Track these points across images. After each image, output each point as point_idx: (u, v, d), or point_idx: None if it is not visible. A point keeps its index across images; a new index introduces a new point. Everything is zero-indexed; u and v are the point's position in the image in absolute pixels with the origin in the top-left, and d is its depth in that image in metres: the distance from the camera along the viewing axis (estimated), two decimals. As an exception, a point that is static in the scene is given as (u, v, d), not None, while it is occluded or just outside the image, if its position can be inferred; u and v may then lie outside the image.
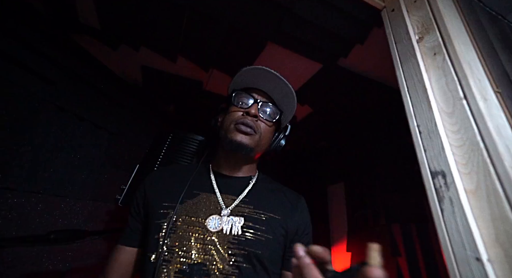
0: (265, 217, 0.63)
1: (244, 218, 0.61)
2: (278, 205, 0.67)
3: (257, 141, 0.68)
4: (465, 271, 0.43)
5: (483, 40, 0.63)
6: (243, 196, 0.66)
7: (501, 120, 0.49)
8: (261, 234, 0.59)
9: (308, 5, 0.84)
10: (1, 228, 0.74)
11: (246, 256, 0.56)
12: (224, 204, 0.63)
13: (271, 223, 0.62)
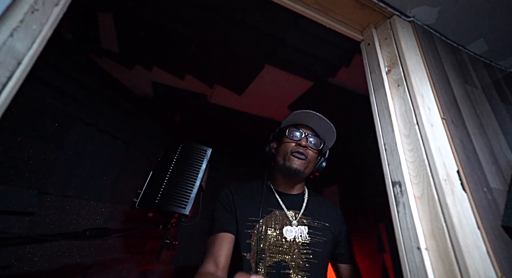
0: (320, 225, 0.84)
1: (307, 227, 0.82)
2: (326, 215, 0.88)
3: (307, 166, 0.87)
4: (410, 257, 0.57)
5: (438, 73, 0.77)
6: (303, 210, 0.86)
7: (443, 141, 0.64)
8: (320, 238, 0.81)
9: (299, 37, 0.99)
10: (42, 225, 0.89)
11: (313, 254, 0.78)
12: (292, 217, 0.83)
13: (324, 229, 0.83)
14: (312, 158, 0.89)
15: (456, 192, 0.58)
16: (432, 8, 0.82)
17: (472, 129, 0.73)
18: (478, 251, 0.52)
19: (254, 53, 1.11)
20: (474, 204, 0.57)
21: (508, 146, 0.78)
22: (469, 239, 0.52)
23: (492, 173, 0.67)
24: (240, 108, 1.63)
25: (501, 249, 0.54)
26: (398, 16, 0.83)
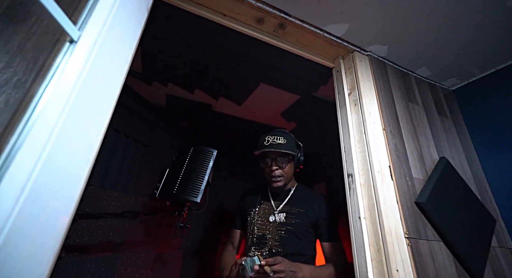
0: (296, 211, 1.08)
1: (285, 213, 1.08)
2: (305, 203, 1.10)
3: (287, 179, 1.13)
4: (355, 224, 0.85)
5: (385, 95, 1.05)
6: (286, 202, 1.13)
7: (381, 146, 0.91)
8: (293, 219, 1.06)
9: (286, 63, 1.28)
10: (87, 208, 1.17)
11: (285, 231, 1.04)
12: (275, 207, 1.12)
13: (299, 214, 1.07)
14: (288, 170, 1.12)
15: (386, 181, 0.86)
16: (382, 46, 1.10)
17: (407, 136, 1.01)
18: (394, 217, 0.80)
19: (251, 74, 1.39)
20: (397, 188, 0.85)
21: (436, 149, 1.06)
22: (389, 210, 0.80)
23: (416, 168, 0.95)
24: (240, 116, 1.91)
25: (409, 217, 0.82)
26: (358, 51, 1.11)
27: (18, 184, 0.34)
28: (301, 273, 0.90)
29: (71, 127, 0.43)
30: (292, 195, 1.15)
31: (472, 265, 0.83)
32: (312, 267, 0.97)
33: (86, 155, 0.46)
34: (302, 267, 0.93)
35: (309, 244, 1.04)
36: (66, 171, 0.41)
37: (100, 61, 0.48)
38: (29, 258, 0.34)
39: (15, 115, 0.43)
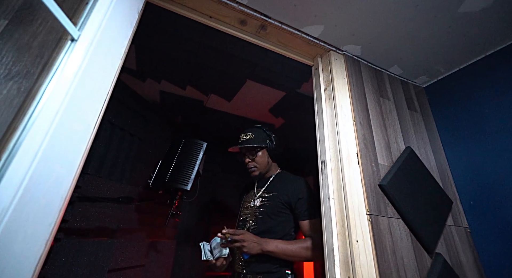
0: (271, 195, 1.18)
1: (262, 197, 1.19)
2: (280, 187, 1.19)
3: (261, 168, 1.25)
4: (325, 204, 0.95)
5: (357, 90, 1.16)
6: (264, 188, 1.24)
7: (350, 135, 1.02)
8: (267, 202, 1.17)
9: (269, 62, 1.38)
10: (84, 193, 1.26)
11: (260, 212, 1.16)
12: (256, 193, 1.24)
13: (273, 197, 1.17)
14: (261, 159, 1.25)
15: (352, 166, 0.96)
16: (356, 46, 1.21)
17: (375, 127, 1.12)
18: (357, 197, 0.90)
19: (238, 72, 1.49)
20: (362, 172, 0.96)
21: (403, 140, 1.17)
22: (353, 191, 0.91)
23: (382, 155, 1.06)
24: (230, 112, 2.01)
25: (372, 197, 0.93)
26: (334, 51, 1.22)
27: (32, 151, 0.44)
28: (265, 245, 1.01)
29: (72, 110, 0.53)
30: (271, 181, 1.25)
31: (426, 239, 0.94)
32: (279, 241, 1.04)
33: (85, 133, 0.56)
34: (268, 240, 1.03)
35: (283, 223, 1.12)
36: (68, 144, 0.51)
37: (96, 56, 0.58)
38: (43, 208, 0.44)
39: (26, 100, 0.53)
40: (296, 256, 1.03)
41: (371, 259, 0.82)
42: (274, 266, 1.05)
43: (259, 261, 1.06)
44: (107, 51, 0.62)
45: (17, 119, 0.50)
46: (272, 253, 1.01)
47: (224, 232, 1.00)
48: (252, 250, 1.00)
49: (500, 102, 1.10)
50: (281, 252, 1.02)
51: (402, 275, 0.85)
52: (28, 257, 0.43)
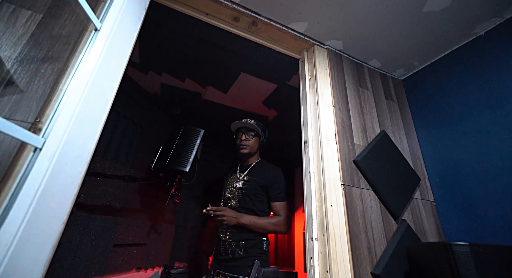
0: (251, 179, 1.35)
1: (243, 181, 1.35)
2: (260, 173, 1.37)
3: (250, 149, 1.43)
4: (306, 178, 1.10)
5: (338, 80, 1.30)
6: (246, 172, 1.40)
7: (329, 118, 1.16)
8: (247, 185, 1.33)
9: (261, 55, 1.52)
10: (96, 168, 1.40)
11: (241, 193, 1.32)
12: (239, 177, 1.39)
13: (252, 181, 1.34)
14: (253, 143, 1.44)
15: (330, 144, 1.11)
16: (337, 41, 1.35)
17: (353, 113, 1.26)
18: (334, 171, 1.05)
19: (232, 65, 1.63)
20: (339, 150, 1.10)
21: (378, 125, 1.32)
22: (330, 166, 1.05)
23: (358, 137, 1.20)
24: (226, 104, 2.15)
25: (347, 171, 1.07)
26: (318, 45, 1.36)
27: (68, 116, 0.58)
28: (241, 219, 1.23)
29: (95, 87, 0.66)
30: (252, 168, 1.43)
31: (393, 208, 1.08)
32: (253, 216, 1.26)
33: (104, 104, 0.70)
34: (244, 215, 1.25)
35: (259, 203, 1.32)
36: (95, 112, 0.65)
37: (114, 44, 0.72)
38: (71, 171, 0.57)
39: (59, 78, 0.66)
40: (264, 229, 1.25)
41: (343, 221, 0.96)
42: (253, 235, 1.26)
43: (241, 231, 1.26)
44: (122, 40, 0.76)
45: (53, 91, 0.64)
46: (246, 225, 1.23)
47: (208, 209, 1.22)
48: (231, 223, 1.22)
49: (462, 93, 1.25)
50: (253, 225, 1.23)
51: (369, 235, 0.99)
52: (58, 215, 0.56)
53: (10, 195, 0.52)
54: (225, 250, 1.27)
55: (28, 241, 0.49)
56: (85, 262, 1.34)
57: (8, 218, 0.47)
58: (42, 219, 0.54)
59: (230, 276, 1.20)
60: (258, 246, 1.24)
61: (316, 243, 0.95)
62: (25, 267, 0.49)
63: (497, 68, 1.14)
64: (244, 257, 1.22)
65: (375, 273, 0.91)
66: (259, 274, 1.15)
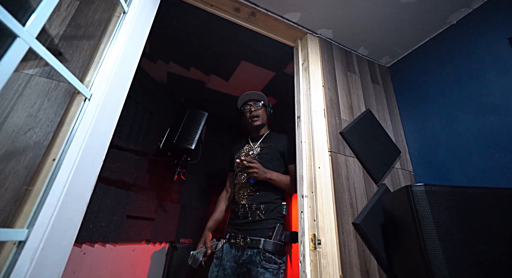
0: (267, 145, 1.48)
1: (260, 148, 1.48)
2: (273, 140, 1.50)
3: (262, 120, 1.54)
4: (298, 146, 1.25)
5: (328, 65, 1.46)
6: (260, 141, 1.53)
7: (319, 96, 1.32)
8: (265, 150, 1.46)
9: (260, 44, 1.68)
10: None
11: (259, 157, 1.44)
12: (254, 146, 1.52)
13: (268, 147, 1.46)
14: (262, 113, 1.56)
15: (319, 118, 1.26)
16: (328, 30, 1.51)
17: (341, 92, 1.42)
18: (322, 140, 1.20)
19: (233, 53, 1.79)
20: (327, 123, 1.26)
21: (364, 104, 1.48)
22: (319, 136, 1.21)
23: (345, 113, 1.36)
24: (228, 92, 2.31)
25: (333, 140, 1.23)
26: (310, 34, 1.52)
27: (105, 79, 0.74)
28: (269, 174, 1.32)
29: (124, 57, 0.83)
30: (265, 137, 1.55)
31: (375, 173, 1.24)
32: (279, 173, 1.36)
33: (130, 72, 0.86)
34: (271, 171, 1.34)
35: (278, 166, 1.42)
36: (124, 77, 0.81)
37: (138, 23, 0.88)
38: (109, 119, 0.74)
39: (94, 52, 0.82)
40: (287, 186, 1.35)
41: (329, 180, 1.12)
42: (274, 198, 1.34)
43: (262, 196, 1.34)
44: (143, 21, 0.92)
45: (90, 64, 0.80)
46: (273, 181, 1.32)
47: (243, 159, 1.30)
48: (260, 176, 1.29)
49: (438, 76, 1.41)
50: (279, 180, 1.33)
51: (352, 193, 1.16)
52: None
53: (66, 139, 0.68)
54: (243, 214, 1.31)
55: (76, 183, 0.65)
56: (103, 227, 1.51)
57: (65, 160, 0.63)
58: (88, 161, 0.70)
59: (250, 238, 1.22)
60: (278, 210, 1.31)
61: (306, 200, 1.11)
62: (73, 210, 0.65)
63: (465, 53, 1.29)
64: (264, 220, 1.26)
65: (355, 222, 1.07)
66: (281, 237, 1.23)
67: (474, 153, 1.16)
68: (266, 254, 1.17)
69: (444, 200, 0.82)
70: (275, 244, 1.20)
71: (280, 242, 1.22)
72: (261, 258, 1.16)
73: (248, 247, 1.22)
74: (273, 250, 1.19)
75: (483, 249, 0.77)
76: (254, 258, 1.17)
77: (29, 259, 0.50)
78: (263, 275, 1.13)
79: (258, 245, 1.19)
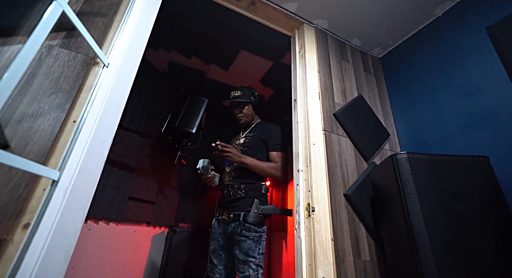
0: (252, 134, 1.57)
1: (245, 138, 1.57)
2: (259, 130, 1.60)
3: (247, 117, 1.64)
4: (295, 126, 1.34)
5: (323, 52, 1.55)
6: (247, 131, 1.62)
7: (314, 81, 1.41)
8: (249, 139, 1.55)
9: (259, 33, 1.76)
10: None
11: (244, 146, 1.53)
12: (241, 136, 1.62)
13: (253, 136, 1.56)
14: (246, 112, 1.63)
15: (314, 101, 1.35)
16: (323, 20, 1.60)
17: (335, 78, 1.51)
18: (317, 121, 1.29)
19: (234, 42, 1.87)
20: (322, 105, 1.35)
21: (356, 90, 1.57)
22: (315, 117, 1.30)
23: (338, 97, 1.46)
24: (227, 82, 2.38)
25: (327, 121, 1.32)
26: (307, 23, 1.61)
27: (120, 48, 0.81)
28: (243, 159, 1.41)
29: (136, 33, 0.90)
30: (253, 127, 1.65)
31: (365, 152, 1.34)
32: (254, 158, 1.45)
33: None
34: (246, 156, 1.44)
35: (259, 154, 1.52)
36: (136, 50, 0.88)
37: (145, 10, 0.95)
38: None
39: (108, 28, 0.89)
40: (263, 171, 1.44)
41: (322, 156, 1.21)
42: (253, 179, 1.47)
43: (242, 176, 1.47)
44: (150, 8, 0.99)
45: (105, 38, 0.87)
46: (247, 165, 1.42)
47: (217, 143, 1.39)
48: (234, 160, 1.40)
49: (424, 65, 1.51)
50: (253, 165, 1.43)
51: (344, 169, 1.25)
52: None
53: (86, 103, 0.76)
54: (228, 193, 1.48)
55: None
56: (107, 205, 1.57)
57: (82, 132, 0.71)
58: (107, 121, 0.78)
59: (233, 213, 1.38)
60: (257, 189, 1.44)
61: (302, 173, 1.20)
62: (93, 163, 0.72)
63: (449, 43, 1.40)
64: (244, 197, 1.41)
65: (346, 193, 1.16)
66: (258, 210, 1.37)
67: (455, 132, 1.26)
68: (245, 225, 1.32)
69: (425, 166, 0.91)
70: (253, 216, 1.33)
71: (259, 214, 1.35)
72: (241, 228, 1.31)
73: (231, 221, 1.37)
74: (252, 221, 1.32)
75: (458, 208, 0.87)
76: (237, 229, 1.33)
77: (61, 196, 0.58)
78: (245, 242, 1.29)
79: (239, 218, 1.34)
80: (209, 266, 1.41)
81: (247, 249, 1.27)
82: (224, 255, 1.40)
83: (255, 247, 1.28)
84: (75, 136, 0.71)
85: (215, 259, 1.40)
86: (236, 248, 1.30)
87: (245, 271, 1.24)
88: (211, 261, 1.41)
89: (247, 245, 1.28)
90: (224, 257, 1.40)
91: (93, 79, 0.80)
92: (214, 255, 1.41)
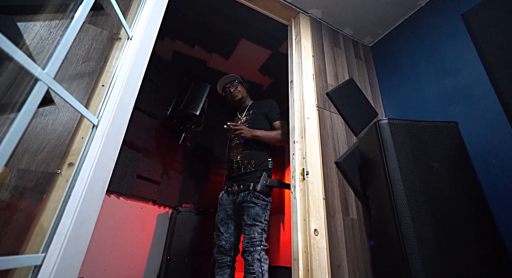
0: (252, 111, 1.70)
1: (246, 116, 1.70)
2: (256, 106, 1.73)
3: (242, 94, 1.77)
4: (291, 104, 1.48)
5: (317, 39, 1.69)
6: (245, 111, 1.74)
7: (309, 64, 1.55)
8: (251, 116, 1.68)
9: (258, 22, 1.90)
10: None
11: (247, 122, 1.66)
12: (241, 116, 1.74)
13: (254, 112, 1.69)
14: (240, 89, 1.79)
15: (309, 82, 1.49)
16: (317, 10, 1.74)
17: (328, 63, 1.65)
18: (310, 98, 1.44)
19: (234, 31, 2.00)
20: (315, 85, 1.50)
21: (348, 73, 1.72)
22: (309, 95, 1.44)
23: (331, 79, 1.60)
24: (228, 72, 2.51)
25: (320, 99, 1.46)
26: (303, 13, 1.75)
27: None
28: (254, 132, 1.55)
29: (150, 23, 1.03)
30: (249, 107, 1.78)
31: (355, 128, 1.49)
32: (263, 130, 1.59)
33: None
34: (256, 130, 1.57)
35: (264, 126, 1.65)
36: (151, 34, 1.01)
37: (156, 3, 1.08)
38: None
39: (126, 10, 1.02)
40: (273, 139, 1.58)
41: (316, 128, 1.35)
42: (261, 155, 1.59)
43: (252, 153, 1.59)
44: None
45: (128, 11, 1.00)
46: (259, 137, 1.55)
47: (229, 124, 1.53)
48: (247, 135, 1.54)
49: (408, 51, 1.66)
50: (264, 136, 1.56)
51: (335, 140, 1.39)
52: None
53: (113, 72, 0.89)
54: (237, 168, 1.58)
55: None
56: (118, 180, 1.70)
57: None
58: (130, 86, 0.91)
59: (243, 184, 1.50)
60: (264, 164, 1.56)
61: (297, 144, 1.34)
62: (120, 118, 0.85)
63: (430, 30, 1.55)
64: (254, 171, 1.53)
65: (337, 161, 1.31)
66: (266, 181, 1.50)
67: (433, 109, 1.41)
68: (255, 193, 1.44)
69: (403, 131, 1.06)
70: (262, 185, 1.46)
71: (266, 185, 1.49)
72: (251, 196, 1.43)
73: (241, 191, 1.49)
74: (260, 190, 1.45)
75: (430, 164, 1.01)
76: (246, 197, 1.44)
77: (100, 138, 0.71)
78: (253, 208, 1.41)
79: (249, 188, 1.46)
80: (215, 233, 1.54)
81: (255, 214, 1.39)
82: (230, 224, 1.52)
83: (262, 214, 1.41)
84: (105, 99, 0.84)
85: (222, 227, 1.52)
86: (245, 213, 1.42)
87: (251, 233, 1.37)
88: (218, 229, 1.53)
89: (255, 211, 1.40)
90: (230, 226, 1.52)
91: (117, 51, 0.94)
92: (221, 223, 1.53)
